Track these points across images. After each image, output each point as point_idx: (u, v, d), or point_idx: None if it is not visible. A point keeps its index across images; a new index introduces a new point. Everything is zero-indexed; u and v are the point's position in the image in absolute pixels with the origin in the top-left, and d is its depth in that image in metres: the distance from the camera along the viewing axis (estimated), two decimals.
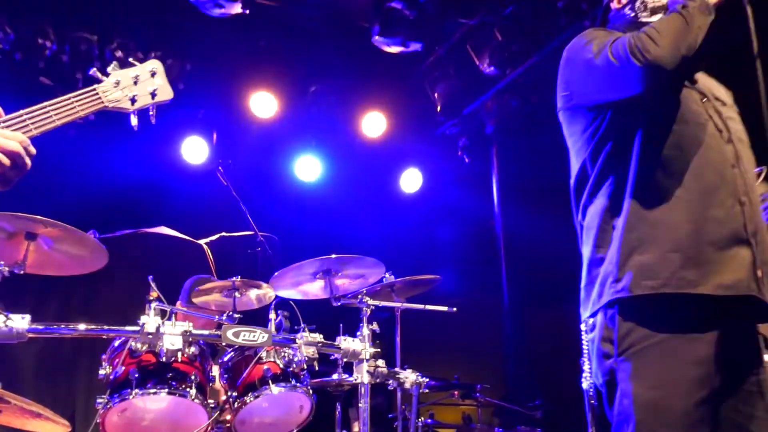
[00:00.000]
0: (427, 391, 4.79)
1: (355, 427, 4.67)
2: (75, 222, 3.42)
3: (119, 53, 6.10)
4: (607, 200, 2.37)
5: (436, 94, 7.37)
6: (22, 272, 3.39)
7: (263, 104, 7.05)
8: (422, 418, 5.00)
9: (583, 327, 2.46)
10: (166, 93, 2.50)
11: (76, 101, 2.24)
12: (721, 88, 2.54)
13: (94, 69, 2.36)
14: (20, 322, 3.10)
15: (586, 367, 2.10)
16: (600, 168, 2.40)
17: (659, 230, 2.26)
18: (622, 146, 2.37)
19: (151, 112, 2.47)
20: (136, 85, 2.42)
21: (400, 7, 6.03)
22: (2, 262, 3.24)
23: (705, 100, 2.44)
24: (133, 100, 2.40)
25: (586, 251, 2.43)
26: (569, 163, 2.59)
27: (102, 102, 2.31)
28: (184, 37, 6.46)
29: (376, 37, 6.10)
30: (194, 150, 7.01)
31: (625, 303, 2.23)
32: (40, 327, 3.19)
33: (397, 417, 4.86)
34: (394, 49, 6.19)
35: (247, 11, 5.62)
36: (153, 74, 2.47)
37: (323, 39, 6.96)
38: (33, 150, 2.11)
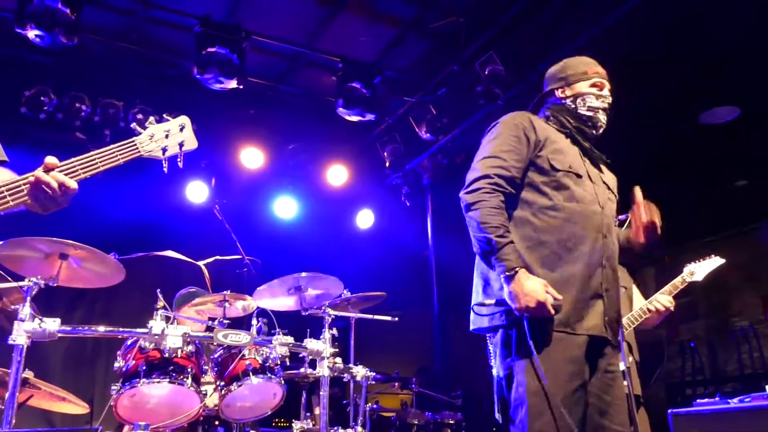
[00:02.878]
0: (373, 382, 4.76)
1: (317, 410, 4.60)
2: (100, 245, 3.34)
3: (140, 116, 6.05)
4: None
5: (385, 153, 7.42)
6: (55, 285, 3.30)
7: (252, 157, 7.03)
8: (369, 404, 4.95)
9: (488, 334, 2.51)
10: (191, 143, 2.36)
11: (118, 151, 2.12)
12: None
13: (134, 123, 2.25)
14: (51, 324, 3.01)
15: (494, 362, 2.13)
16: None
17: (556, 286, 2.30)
18: None
19: (179, 159, 2.33)
20: (167, 138, 2.29)
21: (359, 86, 6.10)
22: (39, 277, 3.15)
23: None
24: (164, 150, 2.27)
25: (481, 282, 2.48)
26: None
27: (139, 151, 2.20)
28: (191, 104, 6.40)
29: (340, 109, 6.14)
30: (197, 191, 6.97)
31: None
32: (68, 328, 3.09)
33: (349, 403, 4.80)
34: (354, 118, 6.23)
35: (242, 86, 5.63)
36: (182, 128, 2.34)
37: (299, 109, 7.00)
38: (76, 191, 2.01)
